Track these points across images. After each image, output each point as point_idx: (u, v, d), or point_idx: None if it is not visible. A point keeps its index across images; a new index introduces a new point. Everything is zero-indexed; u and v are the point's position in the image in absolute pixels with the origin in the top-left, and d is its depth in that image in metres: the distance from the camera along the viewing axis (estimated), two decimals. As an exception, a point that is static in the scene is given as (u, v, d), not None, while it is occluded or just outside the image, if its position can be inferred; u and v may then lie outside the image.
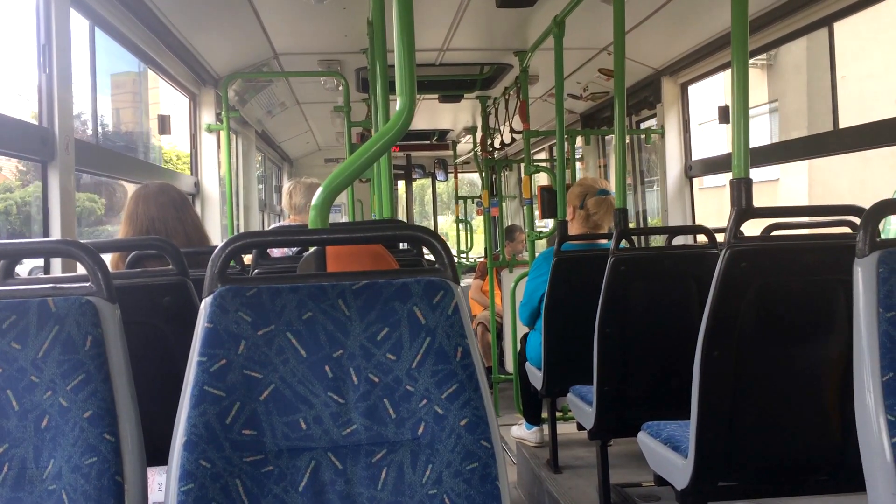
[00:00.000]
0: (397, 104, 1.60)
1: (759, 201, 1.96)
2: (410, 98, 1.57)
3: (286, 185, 5.18)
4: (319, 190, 1.60)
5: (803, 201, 11.73)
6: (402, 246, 2.83)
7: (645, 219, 5.69)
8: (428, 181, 10.25)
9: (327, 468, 1.22)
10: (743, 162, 1.97)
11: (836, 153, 3.34)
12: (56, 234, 2.57)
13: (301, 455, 1.21)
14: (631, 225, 5.12)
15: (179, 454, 1.17)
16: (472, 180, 12.57)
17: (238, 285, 1.24)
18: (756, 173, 2.04)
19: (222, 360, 1.20)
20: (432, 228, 10.70)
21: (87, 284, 1.29)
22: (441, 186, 10.19)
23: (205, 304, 1.22)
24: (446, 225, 14.34)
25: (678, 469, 2.13)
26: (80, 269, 1.32)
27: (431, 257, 1.39)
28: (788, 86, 12.20)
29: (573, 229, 3.62)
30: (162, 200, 2.57)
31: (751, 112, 2.04)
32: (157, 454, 1.32)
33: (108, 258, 2.59)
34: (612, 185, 3.69)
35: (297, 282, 1.26)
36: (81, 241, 1.35)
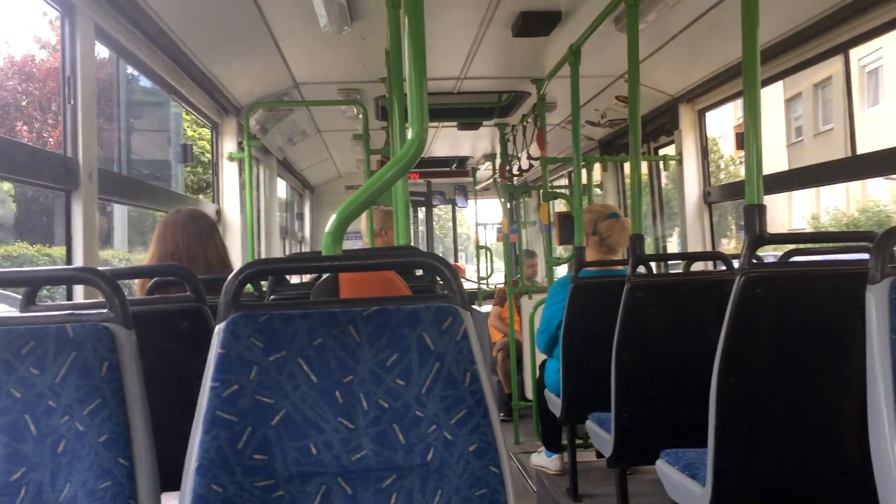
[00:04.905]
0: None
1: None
2: (422, 126, 1.60)
3: None
4: (333, 217, 1.63)
5: None
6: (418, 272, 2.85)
7: (664, 246, 5.66)
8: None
9: (337, 493, 1.22)
10: (756, 188, 1.98)
11: (850, 180, 3.32)
12: (79, 261, 2.62)
13: (311, 480, 1.22)
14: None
15: (192, 479, 1.18)
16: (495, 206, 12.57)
17: (250, 312, 1.26)
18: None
19: (234, 385, 1.22)
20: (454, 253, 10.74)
21: (105, 311, 1.31)
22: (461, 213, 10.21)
23: (218, 330, 1.24)
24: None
25: (696, 497, 2.10)
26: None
27: None
28: None
29: (589, 256, 3.61)
30: (189, 228, 2.63)
31: None
32: (170, 479, 1.34)
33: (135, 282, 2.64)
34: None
35: (309, 308, 1.27)
36: (99, 269, 1.38)
